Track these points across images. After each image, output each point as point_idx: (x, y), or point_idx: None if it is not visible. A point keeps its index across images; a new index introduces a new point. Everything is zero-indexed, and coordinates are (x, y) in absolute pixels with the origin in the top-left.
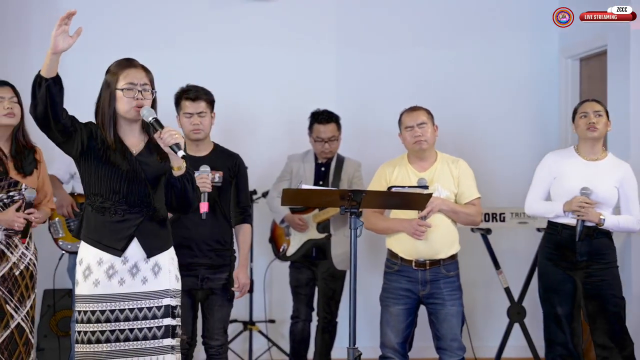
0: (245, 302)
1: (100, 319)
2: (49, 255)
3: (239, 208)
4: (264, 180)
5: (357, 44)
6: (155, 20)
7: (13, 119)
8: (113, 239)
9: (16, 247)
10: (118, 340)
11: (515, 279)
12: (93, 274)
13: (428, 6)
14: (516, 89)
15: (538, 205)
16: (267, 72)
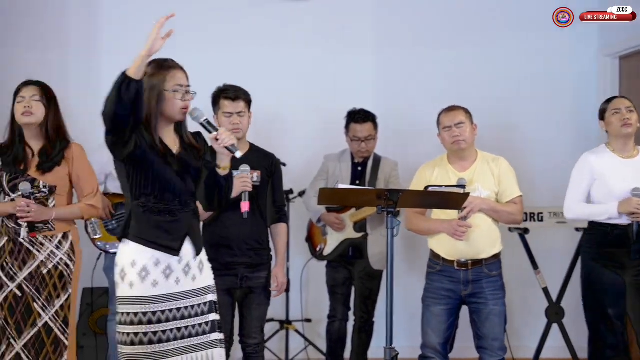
0: (282, 302)
1: (161, 319)
2: (87, 254)
3: (275, 207)
4: (300, 180)
5: (395, 43)
6: (192, 18)
7: (30, 117)
8: (169, 239)
9: (42, 245)
10: (176, 338)
11: (553, 279)
12: (151, 275)
13: (467, 4)
14: (555, 87)
15: (582, 208)
16: (304, 71)
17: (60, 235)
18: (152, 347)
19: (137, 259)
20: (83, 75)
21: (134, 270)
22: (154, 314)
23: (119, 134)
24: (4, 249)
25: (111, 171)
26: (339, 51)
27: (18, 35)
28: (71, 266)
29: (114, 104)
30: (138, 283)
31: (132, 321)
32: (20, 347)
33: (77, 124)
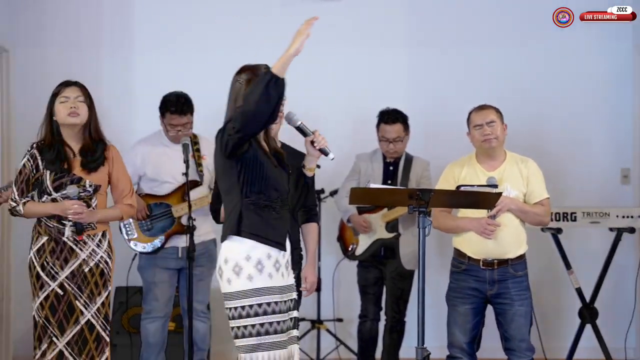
0: (313, 301)
1: (276, 310)
2: (121, 253)
3: (306, 207)
4: (331, 179)
5: (428, 42)
6: (226, 20)
7: (77, 118)
8: (277, 235)
9: (85, 243)
10: (282, 331)
11: (586, 279)
12: (266, 268)
13: (500, 3)
14: (589, 86)
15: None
16: (337, 71)
17: (100, 234)
18: (271, 338)
19: (251, 253)
20: (117, 75)
21: (250, 263)
22: (276, 304)
23: (252, 133)
24: (44, 249)
25: (145, 172)
26: (371, 51)
27: (53, 35)
28: (110, 264)
29: (260, 102)
30: (256, 275)
31: (256, 313)
32: (63, 344)
33: (111, 125)
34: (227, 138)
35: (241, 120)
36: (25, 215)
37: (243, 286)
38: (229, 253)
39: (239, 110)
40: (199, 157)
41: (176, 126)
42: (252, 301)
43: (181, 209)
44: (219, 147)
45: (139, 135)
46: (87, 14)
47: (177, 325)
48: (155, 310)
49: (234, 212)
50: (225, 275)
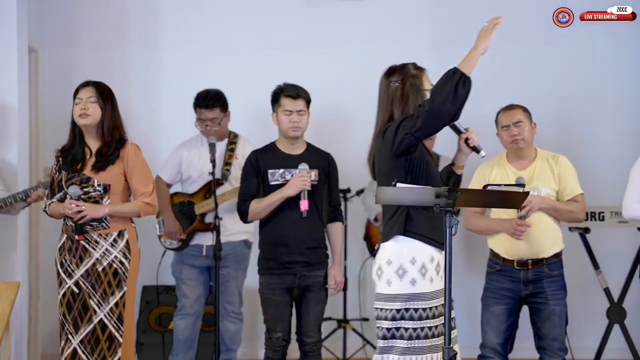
0: (340, 300)
1: (429, 316)
2: (149, 252)
3: (331, 206)
4: (358, 179)
5: (452, 42)
6: (247, 20)
7: (86, 119)
8: (440, 235)
9: (97, 243)
10: (441, 334)
11: (615, 279)
12: (428, 272)
13: (526, 3)
14: (618, 85)
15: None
16: (361, 71)
17: (115, 234)
18: (426, 342)
19: (417, 256)
20: (144, 74)
21: (415, 267)
22: (431, 309)
23: (431, 132)
24: (64, 247)
25: (190, 176)
26: (395, 51)
27: (80, 36)
28: (126, 264)
29: (447, 101)
30: (420, 280)
31: (418, 316)
32: (77, 342)
33: (138, 123)
34: (404, 136)
35: (425, 119)
36: (51, 216)
37: (405, 289)
38: (394, 254)
39: (424, 110)
40: (230, 156)
41: (204, 121)
42: (411, 305)
43: (202, 207)
44: (388, 145)
45: (166, 134)
46: (113, 14)
47: (204, 324)
48: (185, 307)
49: (400, 212)
50: (386, 276)
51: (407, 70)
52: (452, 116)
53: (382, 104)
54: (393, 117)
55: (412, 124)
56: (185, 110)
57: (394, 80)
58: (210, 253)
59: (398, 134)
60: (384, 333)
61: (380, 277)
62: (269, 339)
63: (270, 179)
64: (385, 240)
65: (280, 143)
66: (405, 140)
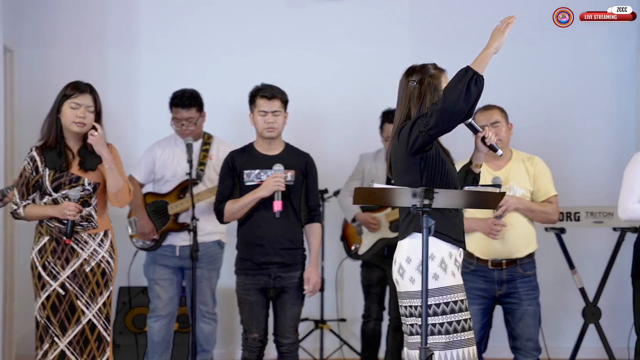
0: (317, 301)
1: (462, 308)
2: (123, 252)
3: (309, 207)
4: (335, 179)
5: (431, 42)
6: (230, 20)
7: (82, 128)
8: (458, 233)
9: (86, 243)
10: (471, 328)
11: (590, 279)
12: (449, 267)
13: (504, 3)
14: (593, 85)
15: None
16: (339, 71)
17: (102, 233)
18: (465, 335)
19: (434, 252)
20: (121, 75)
21: (435, 262)
22: (455, 303)
23: (445, 130)
24: (46, 249)
25: (163, 175)
26: (375, 50)
27: (57, 35)
28: (112, 264)
29: (460, 100)
30: (442, 274)
31: (443, 311)
32: (64, 344)
33: (115, 124)
34: (418, 134)
35: (438, 117)
36: (26, 218)
37: (430, 285)
38: (412, 252)
39: (437, 108)
40: (205, 157)
41: (180, 120)
42: (439, 300)
43: (175, 207)
44: (403, 144)
45: (143, 135)
46: (91, 14)
47: (180, 325)
48: (158, 309)
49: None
50: (408, 274)
51: (427, 70)
52: (465, 114)
53: (400, 103)
54: (410, 116)
55: (425, 122)
56: (163, 110)
57: (412, 79)
58: (184, 253)
59: (412, 133)
60: (417, 329)
61: (403, 275)
62: (245, 340)
63: (246, 179)
64: (402, 238)
65: (258, 144)
66: (420, 138)
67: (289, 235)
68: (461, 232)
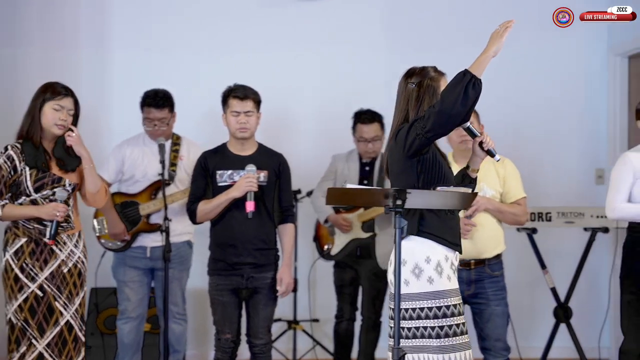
0: (290, 301)
1: (454, 313)
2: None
3: (282, 207)
4: (308, 180)
5: (405, 43)
6: (204, 20)
7: (62, 130)
8: (454, 236)
9: (65, 244)
10: (463, 333)
11: (561, 279)
12: (444, 271)
13: (477, 4)
14: (564, 86)
15: (630, 208)
16: (313, 71)
17: (77, 234)
18: (448, 340)
19: (431, 255)
20: (94, 74)
21: (430, 266)
22: (455, 307)
23: (442, 133)
24: (23, 250)
25: (133, 175)
26: (348, 51)
27: (30, 35)
28: (86, 264)
29: (457, 103)
30: (437, 278)
31: (435, 315)
32: (42, 346)
33: (88, 123)
34: (415, 137)
35: (435, 119)
36: (3, 218)
37: (423, 288)
38: (407, 254)
39: (434, 110)
40: (175, 157)
41: (153, 120)
42: (432, 303)
43: (147, 207)
44: (400, 146)
45: (116, 134)
46: (65, 13)
47: (152, 326)
48: (128, 311)
49: (413, 213)
50: (403, 277)
51: (426, 73)
52: (462, 117)
53: (398, 105)
54: (408, 118)
55: (423, 124)
56: (135, 110)
57: (411, 81)
58: (155, 254)
59: (409, 135)
60: (413, 332)
61: (405, 277)
62: (218, 340)
63: (219, 180)
64: None
65: (231, 144)
66: (417, 141)
67: (261, 235)
68: (457, 235)
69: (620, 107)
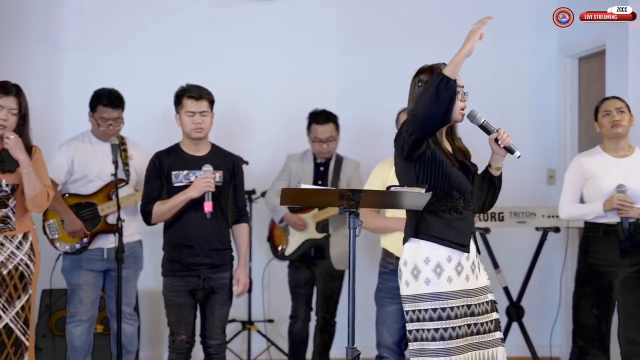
0: (244, 302)
1: (458, 315)
2: (47, 255)
3: (237, 208)
4: (263, 180)
5: (357, 44)
6: (155, 20)
7: (4, 130)
8: (459, 236)
9: (2, 245)
10: (465, 335)
11: (514, 278)
12: (445, 272)
13: (428, 5)
14: (515, 88)
15: (574, 208)
16: (267, 72)
17: (20, 236)
18: (444, 344)
19: (431, 256)
20: (43, 74)
21: (429, 267)
22: (452, 309)
23: (425, 135)
24: None
25: (73, 171)
26: (302, 51)
27: None
28: (31, 267)
29: (430, 104)
30: (434, 280)
31: (431, 317)
32: None
33: (37, 123)
34: (403, 141)
35: (413, 122)
36: None
37: (420, 290)
38: (408, 256)
39: (411, 113)
40: (126, 157)
41: (107, 120)
42: (427, 305)
43: (107, 208)
44: (397, 149)
45: (66, 134)
46: (14, 11)
47: (104, 328)
48: (80, 314)
49: (413, 215)
50: (404, 278)
51: (434, 70)
52: (440, 118)
53: (408, 104)
54: None
55: (406, 128)
56: (85, 110)
57: (419, 80)
58: (111, 255)
59: (399, 139)
60: (414, 335)
61: (401, 278)
62: (172, 342)
63: (174, 180)
64: (404, 242)
65: (184, 144)
66: (406, 144)
67: (218, 236)
68: (465, 236)
69: (571, 108)
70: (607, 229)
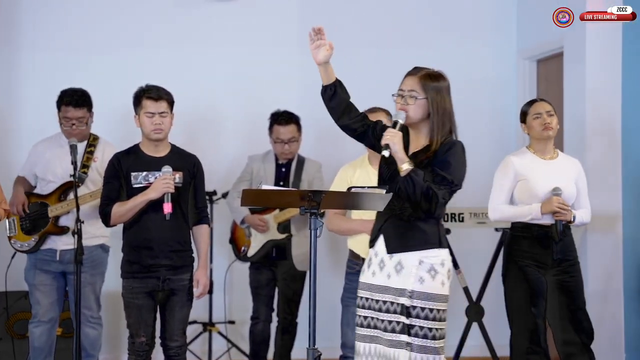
0: (205, 303)
1: (364, 305)
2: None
3: (197, 209)
4: (224, 181)
5: None
6: (116, 20)
7: None
8: (372, 233)
9: None
10: (371, 326)
11: (473, 278)
12: (365, 265)
13: (389, 7)
14: (474, 89)
15: (507, 209)
16: (229, 72)
17: None
18: (357, 329)
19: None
20: (5, 73)
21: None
22: (361, 299)
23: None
24: None
25: (36, 171)
26: (264, 52)
27: None
28: None
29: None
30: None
31: (356, 304)
32: None
33: None
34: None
35: None
36: None
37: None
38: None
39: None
40: (88, 159)
41: (71, 119)
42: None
43: (56, 209)
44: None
45: (24, 136)
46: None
47: (65, 330)
48: (39, 314)
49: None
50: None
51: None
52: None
53: None
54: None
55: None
56: (48, 110)
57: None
58: (65, 258)
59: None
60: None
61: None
62: (132, 344)
63: (133, 181)
64: None
65: (144, 145)
66: None
67: (178, 237)
68: (374, 233)
69: None
70: (540, 231)
